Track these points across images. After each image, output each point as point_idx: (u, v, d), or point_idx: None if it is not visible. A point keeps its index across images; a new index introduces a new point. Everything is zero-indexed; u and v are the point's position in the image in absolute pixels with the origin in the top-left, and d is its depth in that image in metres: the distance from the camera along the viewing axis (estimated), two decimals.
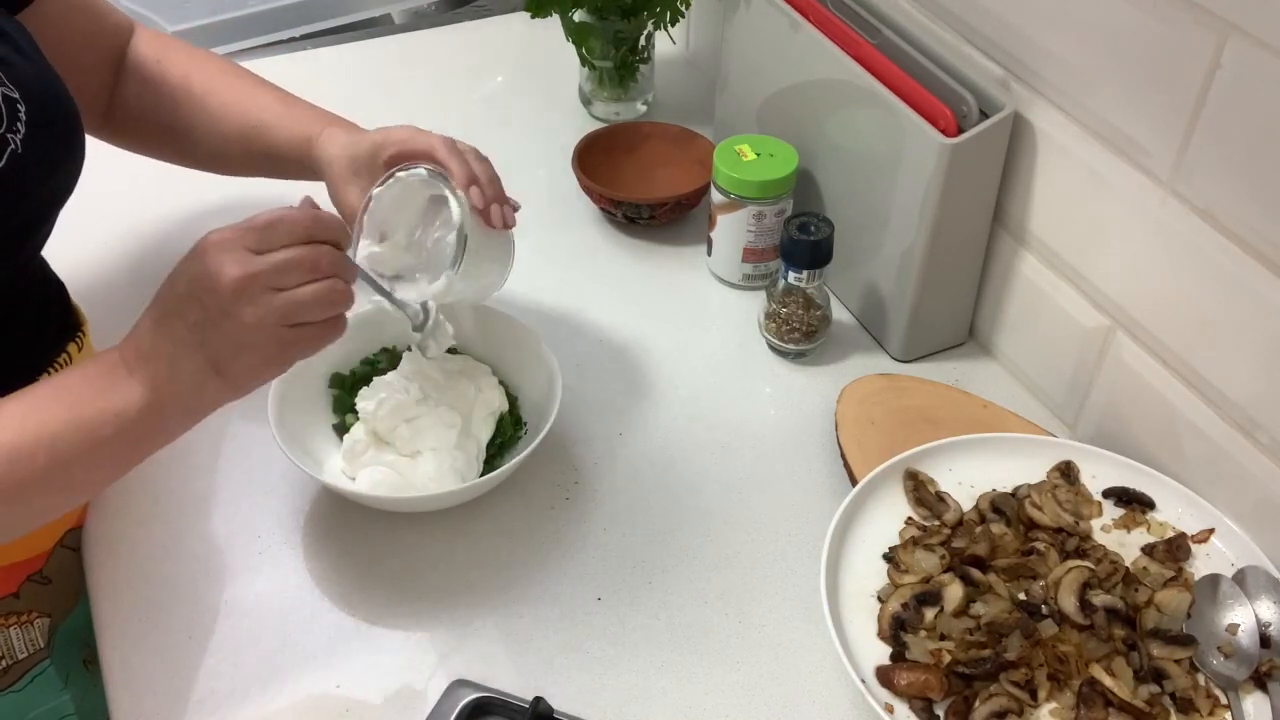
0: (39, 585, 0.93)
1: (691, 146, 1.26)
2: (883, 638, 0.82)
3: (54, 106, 0.82)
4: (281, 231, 0.72)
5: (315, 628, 0.87)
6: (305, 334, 0.75)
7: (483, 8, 1.61)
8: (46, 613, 0.94)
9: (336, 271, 0.75)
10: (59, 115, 0.83)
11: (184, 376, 0.73)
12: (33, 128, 0.78)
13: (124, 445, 0.75)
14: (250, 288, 0.71)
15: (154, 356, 0.73)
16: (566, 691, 0.83)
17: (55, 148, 0.82)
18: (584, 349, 1.09)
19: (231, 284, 0.71)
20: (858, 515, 0.89)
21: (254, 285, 0.71)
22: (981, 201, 1.03)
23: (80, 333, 0.94)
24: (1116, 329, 0.95)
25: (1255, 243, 0.81)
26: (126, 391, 0.73)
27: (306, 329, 0.74)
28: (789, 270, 1.05)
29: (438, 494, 0.90)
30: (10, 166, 0.76)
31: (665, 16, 1.33)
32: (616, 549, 0.93)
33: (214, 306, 0.71)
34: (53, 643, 0.95)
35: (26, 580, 0.92)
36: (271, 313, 0.72)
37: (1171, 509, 0.90)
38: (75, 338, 0.93)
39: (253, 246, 0.72)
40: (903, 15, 1.06)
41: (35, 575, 0.93)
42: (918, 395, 1.02)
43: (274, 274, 0.72)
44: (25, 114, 0.78)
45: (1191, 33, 0.81)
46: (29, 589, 0.92)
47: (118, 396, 0.73)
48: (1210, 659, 0.80)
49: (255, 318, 0.71)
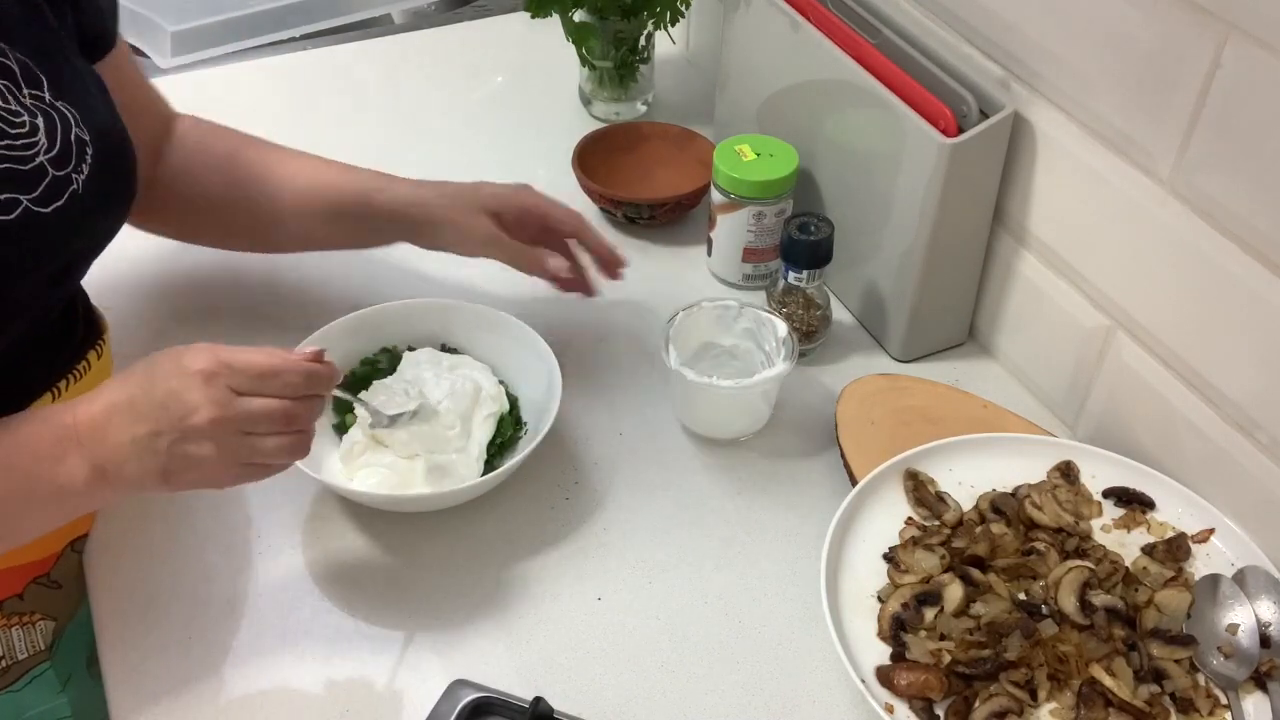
0: (47, 589, 0.93)
1: (691, 146, 1.26)
2: (883, 638, 0.82)
3: (117, 151, 0.84)
4: (274, 385, 0.75)
5: (315, 628, 0.87)
6: (255, 471, 0.78)
7: (483, 8, 1.61)
8: (51, 616, 0.94)
9: (307, 425, 0.78)
10: (121, 160, 0.85)
11: (132, 472, 0.75)
12: (96, 171, 0.80)
13: (58, 511, 0.78)
14: (221, 431, 0.74)
15: (108, 444, 0.74)
16: (566, 691, 0.83)
17: (113, 191, 0.84)
18: (584, 349, 1.09)
19: (206, 422, 0.73)
20: (858, 515, 0.89)
21: (225, 429, 0.74)
22: (981, 201, 1.03)
23: (101, 340, 0.94)
24: (1116, 329, 0.95)
25: (1255, 243, 0.81)
26: (73, 467, 0.74)
27: (257, 467, 0.78)
28: (789, 270, 1.05)
29: (438, 494, 0.90)
30: (70, 205, 0.78)
31: (665, 16, 1.33)
32: (616, 549, 0.93)
33: (181, 429, 0.73)
34: (56, 645, 0.95)
35: (32, 582, 0.92)
36: (233, 452, 0.75)
37: (1171, 509, 0.90)
38: (96, 345, 0.93)
39: (238, 388, 0.74)
40: (903, 15, 1.06)
41: (41, 578, 0.93)
42: (918, 395, 1.02)
43: (248, 421, 0.74)
44: (91, 157, 0.80)
45: (1191, 33, 0.81)
46: (34, 591, 0.92)
47: (63, 470, 0.74)
48: (1210, 659, 0.80)
49: (216, 454, 0.74)
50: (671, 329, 0.99)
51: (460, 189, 1.01)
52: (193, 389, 0.73)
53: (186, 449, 0.74)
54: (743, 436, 1.02)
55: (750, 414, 1.00)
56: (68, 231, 0.79)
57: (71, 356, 0.91)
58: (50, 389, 0.87)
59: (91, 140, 0.81)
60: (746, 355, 1.02)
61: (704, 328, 1.02)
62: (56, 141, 0.78)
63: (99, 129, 0.82)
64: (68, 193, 0.78)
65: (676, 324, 0.99)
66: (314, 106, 1.41)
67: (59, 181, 0.77)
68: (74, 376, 0.89)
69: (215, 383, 0.73)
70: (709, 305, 1.02)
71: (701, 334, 1.02)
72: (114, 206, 0.85)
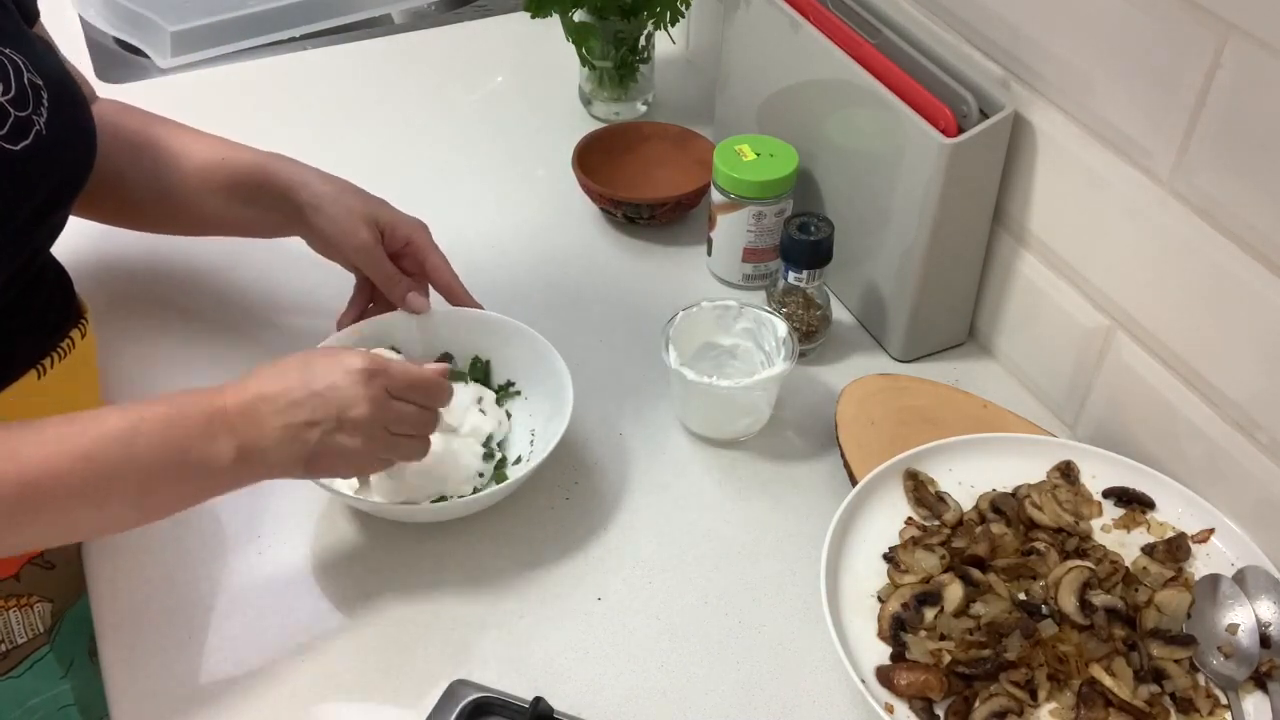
0: (41, 570, 0.93)
1: (691, 146, 1.26)
2: (883, 638, 0.82)
3: (71, 95, 0.86)
4: (423, 394, 0.84)
5: (315, 628, 0.87)
6: (382, 463, 0.86)
7: (483, 8, 1.61)
8: (49, 598, 0.95)
9: (431, 431, 0.87)
10: (75, 103, 0.86)
11: (277, 457, 0.79)
12: (54, 111, 0.82)
13: (201, 487, 0.80)
14: (373, 425, 0.81)
15: (260, 428, 0.79)
16: (566, 691, 0.83)
17: (73, 129, 0.86)
18: (584, 348, 1.09)
19: (363, 417, 0.80)
20: (858, 515, 0.89)
21: (376, 424, 0.81)
22: (981, 201, 1.03)
23: (83, 319, 0.95)
24: (1116, 329, 0.95)
25: (1255, 243, 0.81)
26: (224, 445, 0.78)
27: (383, 460, 0.86)
28: (789, 270, 1.05)
29: (442, 506, 0.91)
30: (36, 144, 0.80)
31: (665, 16, 1.33)
32: (616, 549, 0.93)
33: (337, 421, 0.80)
34: (56, 629, 0.96)
35: (27, 564, 0.92)
36: (375, 447, 0.83)
37: (1171, 509, 0.90)
38: (79, 324, 0.94)
39: (392, 391, 0.82)
40: (903, 15, 1.06)
41: (37, 559, 0.93)
42: (918, 395, 1.02)
43: (395, 421, 0.83)
44: (48, 100, 0.82)
45: (1191, 33, 0.81)
46: (30, 572, 0.92)
47: (214, 447, 0.77)
48: (1210, 659, 0.80)
49: (362, 446, 0.81)
50: (671, 329, 0.99)
51: (359, 194, 1.01)
52: (355, 385, 0.80)
53: (338, 439, 0.80)
54: (743, 436, 1.02)
55: (750, 414, 1.00)
56: (41, 168, 0.81)
57: (55, 333, 0.91)
58: (35, 366, 0.88)
59: (45, 86, 0.82)
60: (746, 355, 1.02)
61: (704, 328, 1.02)
62: (11, 85, 0.79)
63: (50, 75, 0.83)
64: (33, 132, 0.79)
65: (676, 324, 1.00)
66: (314, 107, 1.41)
67: (22, 121, 0.79)
68: (59, 354, 0.90)
69: (374, 383, 0.81)
70: (709, 305, 1.02)
71: (701, 334, 1.02)
72: (79, 144, 0.87)
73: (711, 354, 1.02)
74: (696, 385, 0.96)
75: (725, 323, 1.02)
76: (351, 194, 1.00)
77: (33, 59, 0.82)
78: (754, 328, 1.02)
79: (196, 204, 1.02)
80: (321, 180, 1.00)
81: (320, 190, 0.99)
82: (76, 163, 0.87)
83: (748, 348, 1.02)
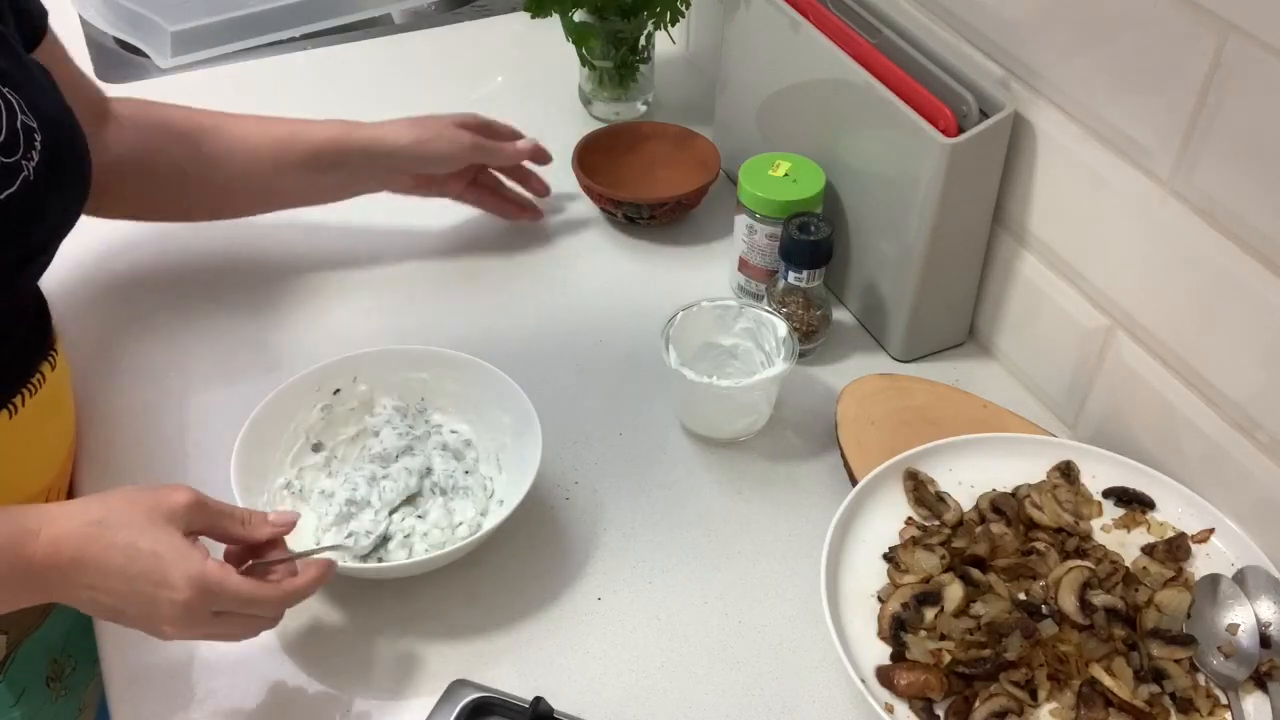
0: None
1: (691, 146, 1.26)
2: (883, 638, 0.82)
3: (68, 138, 0.85)
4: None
5: (315, 628, 0.87)
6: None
7: (483, 8, 1.61)
8: (4, 630, 0.93)
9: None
10: (72, 146, 0.86)
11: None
12: (47, 157, 0.81)
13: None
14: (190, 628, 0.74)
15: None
16: (566, 691, 0.83)
17: (66, 177, 0.84)
18: (584, 349, 1.09)
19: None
20: (858, 515, 0.89)
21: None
22: (981, 201, 1.03)
23: (53, 351, 0.93)
24: (1116, 329, 0.95)
25: (1255, 243, 0.81)
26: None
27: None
28: (789, 270, 1.05)
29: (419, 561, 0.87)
30: (24, 192, 0.78)
31: (665, 16, 1.33)
32: (616, 549, 0.93)
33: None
34: (10, 659, 0.94)
35: None
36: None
37: (1171, 509, 0.90)
38: (49, 356, 0.92)
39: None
40: (903, 15, 1.06)
41: None
42: (918, 395, 1.02)
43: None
44: (40, 143, 0.80)
45: (1191, 33, 0.81)
46: None
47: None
48: (1210, 659, 0.80)
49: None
50: (671, 329, 0.99)
51: (419, 119, 1.09)
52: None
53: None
54: (743, 436, 1.02)
55: (750, 414, 1.00)
56: (24, 217, 0.80)
57: (28, 370, 0.89)
58: (6, 405, 0.86)
59: (40, 127, 0.81)
60: (746, 355, 1.02)
61: (704, 328, 1.02)
62: (2, 129, 0.78)
63: (46, 116, 0.82)
64: (19, 179, 0.78)
65: (676, 324, 1.00)
66: (314, 107, 1.40)
67: (9, 168, 0.78)
68: (29, 391, 0.88)
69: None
70: (709, 305, 1.02)
71: (701, 334, 1.02)
72: (69, 191, 0.85)
73: (711, 354, 1.02)
74: (696, 385, 0.96)
75: (725, 322, 1.02)
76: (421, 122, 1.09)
77: (30, 98, 0.81)
78: (754, 328, 1.02)
79: (271, 182, 1.06)
80: (388, 125, 1.08)
81: (403, 135, 1.08)
82: (65, 210, 0.86)
83: (748, 348, 1.02)
